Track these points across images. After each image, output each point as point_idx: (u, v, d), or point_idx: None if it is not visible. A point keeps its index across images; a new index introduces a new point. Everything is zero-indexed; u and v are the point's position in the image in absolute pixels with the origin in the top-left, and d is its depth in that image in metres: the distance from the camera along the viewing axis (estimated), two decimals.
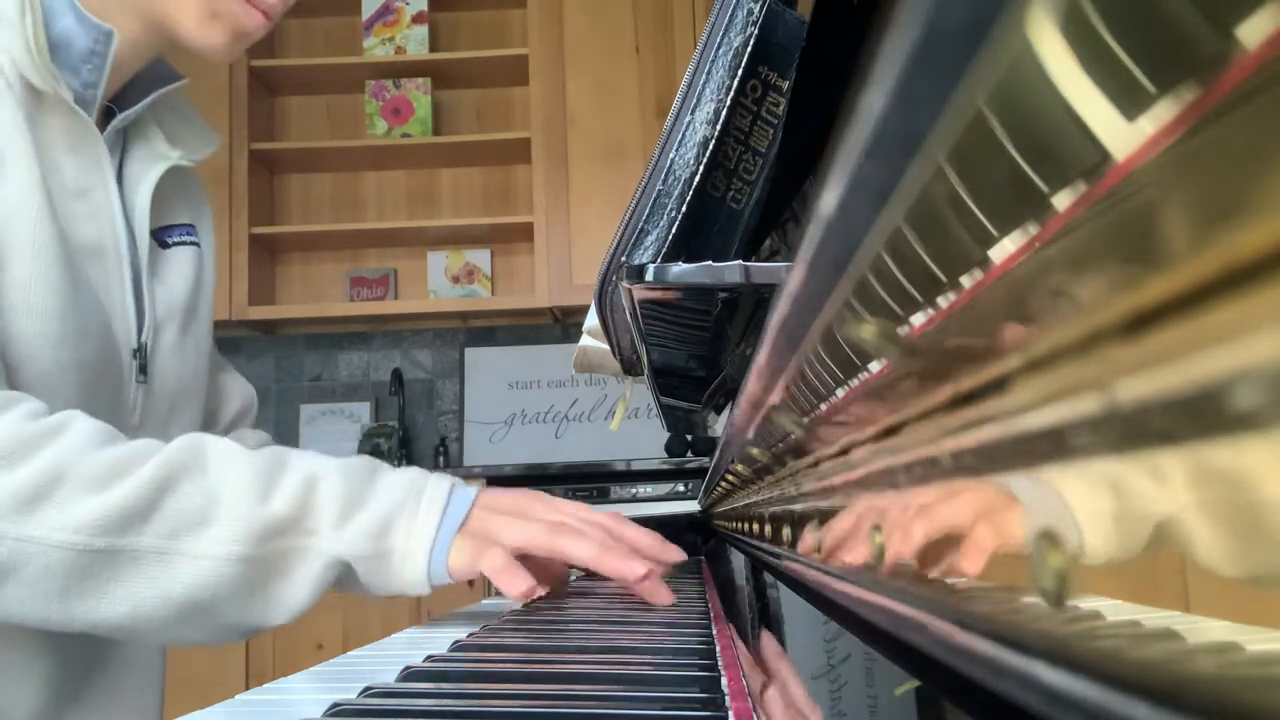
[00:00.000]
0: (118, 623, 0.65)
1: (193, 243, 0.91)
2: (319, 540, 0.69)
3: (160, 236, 0.87)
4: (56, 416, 0.67)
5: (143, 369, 0.82)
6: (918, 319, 0.19)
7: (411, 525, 0.71)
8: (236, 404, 1.02)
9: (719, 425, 1.08)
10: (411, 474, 0.75)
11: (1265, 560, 0.10)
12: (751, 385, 0.39)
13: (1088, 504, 0.14)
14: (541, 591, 0.73)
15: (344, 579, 0.71)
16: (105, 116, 0.83)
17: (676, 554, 0.77)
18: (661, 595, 0.73)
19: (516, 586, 0.71)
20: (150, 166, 0.85)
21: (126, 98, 0.85)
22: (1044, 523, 0.15)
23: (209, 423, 0.98)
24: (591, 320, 0.81)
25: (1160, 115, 0.10)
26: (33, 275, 0.71)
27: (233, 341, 2.99)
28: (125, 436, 0.69)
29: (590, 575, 0.90)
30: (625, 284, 0.53)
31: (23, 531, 0.62)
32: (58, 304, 0.72)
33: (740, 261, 0.51)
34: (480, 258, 3.01)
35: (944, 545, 0.21)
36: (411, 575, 0.71)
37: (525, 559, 0.73)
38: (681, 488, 2.44)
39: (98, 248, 0.78)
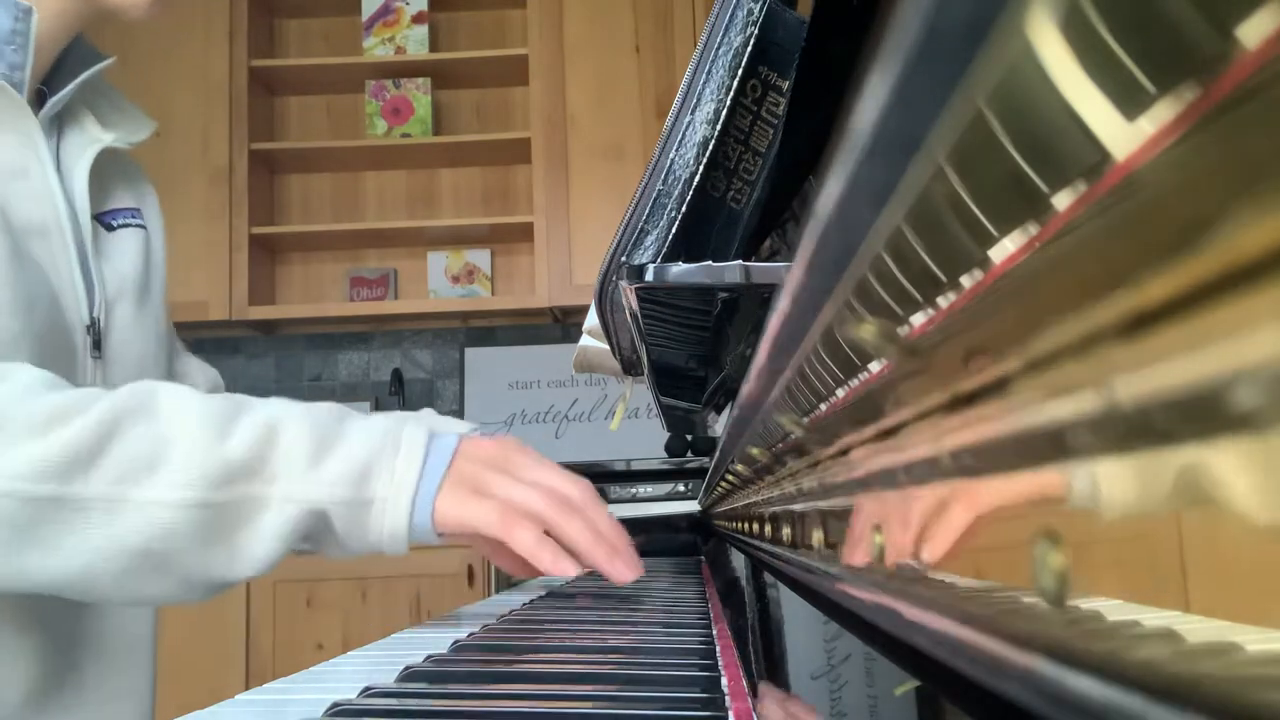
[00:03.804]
0: (73, 577, 0.62)
1: (138, 225, 0.91)
2: (285, 485, 0.65)
3: (104, 219, 0.87)
4: None
5: (97, 344, 0.81)
6: (918, 319, 0.19)
7: (392, 470, 0.67)
8: (201, 388, 1.00)
9: (719, 425, 1.08)
10: (385, 418, 0.71)
11: None
12: (751, 385, 0.39)
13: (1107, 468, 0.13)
14: (569, 568, 0.68)
15: (315, 533, 0.67)
16: (37, 101, 0.82)
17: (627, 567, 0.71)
18: (623, 573, 0.69)
19: (521, 540, 0.66)
20: (85, 149, 0.85)
21: (55, 83, 0.84)
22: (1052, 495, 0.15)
23: None
24: (591, 320, 0.81)
25: (1160, 115, 0.10)
26: None
27: (233, 341, 2.99)
28: (71, 385, 0.66)
29: (594, 573, 0.90)
30: (625, 284, 0.53)
31: None
32: (3, 273, 0.71)
33: (740, 261, 0.51)
34: (480, 258, 3.01)
35: (943, 544, 0.21)
36: (392, 527, 0.66)
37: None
38: (681, 488, 2.43)
39: (41, 226, 0.78)
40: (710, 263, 0.50)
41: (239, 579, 0.66)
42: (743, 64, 0.56)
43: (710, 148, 0.56)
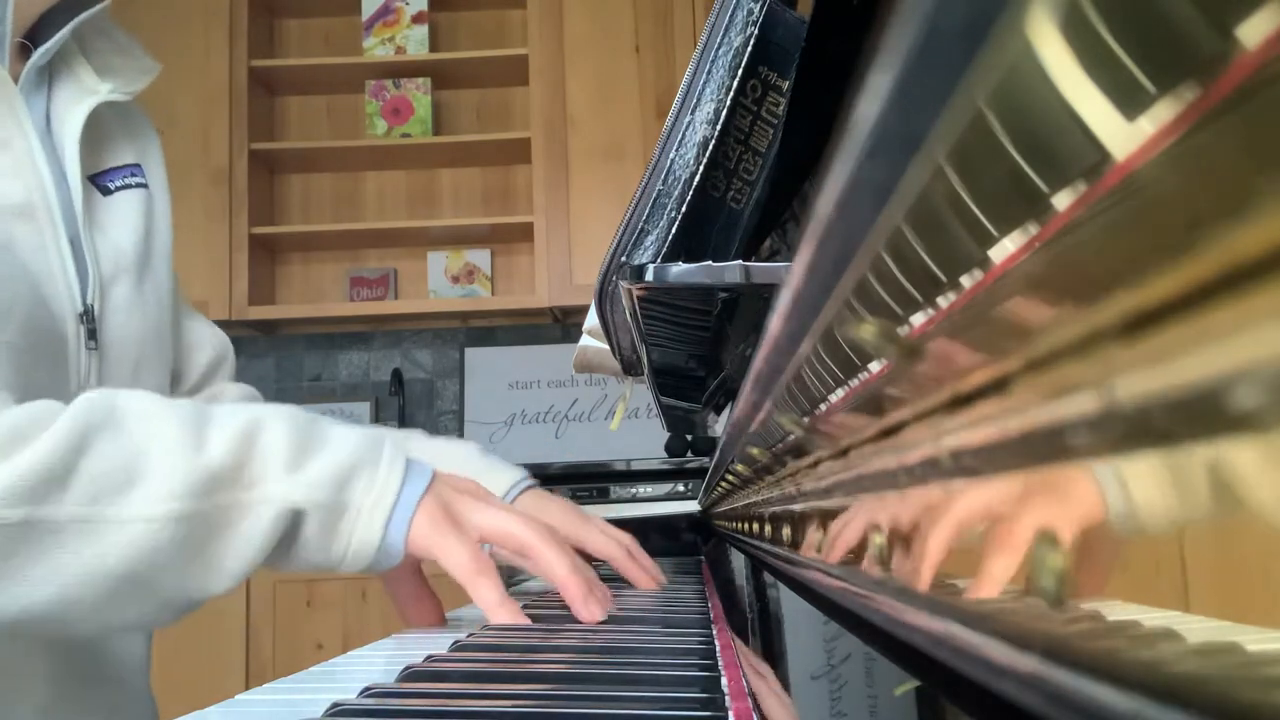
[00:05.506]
0: (45, 608, 0.56)
1: (139, 184, 0.83)
2: (267, 488, 0.61)
3: (101, 181, 0.79)
4: None
5: (91, 334, 0.73)
6: (918, 319, 0.19)
7: (373, 479, 0.63)
8: (208, 353, 0.94)
9: (719, 425, 1.08)
10: (363, 428, 0.67)
11: None
12: (751, 385, 0.39)
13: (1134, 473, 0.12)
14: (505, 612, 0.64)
15: (284, 540, 0.63)
16: (21, 57, 0.74)
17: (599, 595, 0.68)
18: (594, 612, 0.65)
19: (485, 594, 0.64)
20: (76, 106, 0.76)
21: (45, 32, 0.75)
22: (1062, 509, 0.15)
23: (176, 379, 0.90)
24: (591, 320, 0.81)
25: (1160, 115, 0.10)
26: None
27: (233, 342, 2.98)
28: (14, 403, 0.60)
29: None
30: (625, 284, 0.53)
31: None
32: None
33: (740, 261, 0.51)
34: (480, 258, 3.01)
35: (944, 544, 0.21)
36: (362, 538, 0.62)
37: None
38: (681, 488, 2.43)
39: (25, 206, 0.70)
40: (710, 263, 0.50)
41: (213, 594, 0.62)
42: (743, 64, 0.56)
43: (710, 148, 0.56)
